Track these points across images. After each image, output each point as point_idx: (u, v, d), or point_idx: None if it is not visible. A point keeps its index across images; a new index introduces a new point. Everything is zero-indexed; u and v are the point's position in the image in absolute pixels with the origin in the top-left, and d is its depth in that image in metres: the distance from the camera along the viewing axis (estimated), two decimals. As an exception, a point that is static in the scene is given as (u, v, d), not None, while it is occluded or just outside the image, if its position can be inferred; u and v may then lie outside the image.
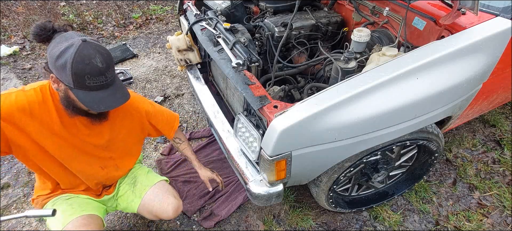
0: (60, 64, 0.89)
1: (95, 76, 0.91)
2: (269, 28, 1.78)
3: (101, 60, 0.92)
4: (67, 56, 0.88)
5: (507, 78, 1.47)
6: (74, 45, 0.89)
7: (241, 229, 1.72)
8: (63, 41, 0.91)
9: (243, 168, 1.35)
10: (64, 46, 0.89)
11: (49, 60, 0.92)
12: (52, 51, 0.90)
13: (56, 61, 0.89)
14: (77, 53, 0.88)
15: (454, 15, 1.26)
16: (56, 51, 0.89)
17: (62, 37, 0.92)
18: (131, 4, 4.52)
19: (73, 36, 0.92)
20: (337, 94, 1.09)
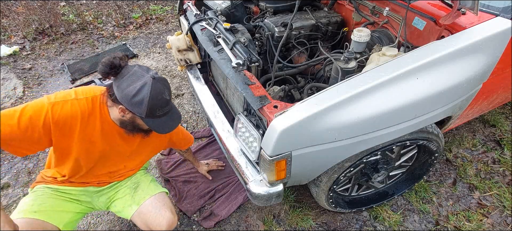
0: (136, 101, 1.02)
1: (163, 106, 1.07)
2: (269, 28, 1.78)
3: (168, 93, 1.09)
4: (144, 95, 1.01)
5: (507, 78, 1.47)
6: (147, 84, 1.01)
7: (241, 229, 1.72)
8: (136, 80, 1.02)
9: (243, 168, 1.35)
10: (139, 85, 1.01)
11: (122, 96, 1.03)
12: (127, 90, 1.02)
13: (132, 99, 1.02)
14: (152, 91, 1.02)
15: (454, 15, 1.26)
16: (131, 90, 1.01)
17: (132, 75, 1.03)
18: (131, 4, 4.52)
19: (143, 74, 1.04)
20: (337, 94, 1.09)
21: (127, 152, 1.29)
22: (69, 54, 3.50)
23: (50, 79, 3.10)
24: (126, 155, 1.30)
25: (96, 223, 1.77)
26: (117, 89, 1.04)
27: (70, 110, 1.07)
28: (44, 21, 3.84)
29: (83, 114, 1.10)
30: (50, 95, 1.08)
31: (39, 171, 2.12)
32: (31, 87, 2.97)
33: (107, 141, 1.19)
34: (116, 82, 1.05)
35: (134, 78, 1.02)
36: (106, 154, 1.23)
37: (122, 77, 1.04)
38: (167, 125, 1.13)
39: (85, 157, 1.18)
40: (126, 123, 1.13)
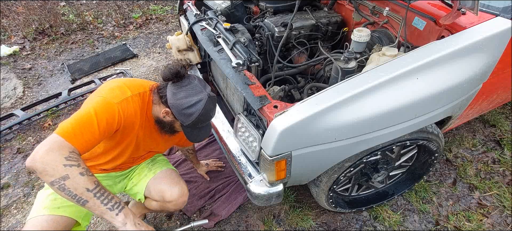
0: (187, 113, 1.07)
1: (206, 121, 1.14)
2: (269, 28, 1.78)
3: (214, 112, 1.15)
4: (196, 110, 1.07)
5: (507, 78, 1.47)
6: (203, 101, 1.07)
7: (241, 229, 1.72)
8: (193, 94, 1.07)
9: (243, 168, 1.35)
10: (195, 100, 1.06)
11: (174, 104, 1.08)
12: (182, 101, 1.06)
13: (185, 110, 1.07)
14: (204, 109, 1.07)
15: (454, 15, 1.26)
16: (187, 102, 1.06)
17: (192, 88, 1.08)
18: (131, 4, 4.52)
19: (202, 90, 1.08)
20: (337, 94, 1.09)
21: (155, 143, 1.35)
22: (69, 54, 3.50)
23: (50, 79, 3.10)
24: (154, 145, 1.35)
25: (96, 223, 1.77)
26: (171, 95, 1.08)
27: (133, 108, 1.11)
28: (44, 21, 3.84)
29: (141, 111, 1.16)
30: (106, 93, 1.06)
31: (39, 171, 2.12)
32: (31, 87, 2.97)
33: (146, 133, 1.26)
34: (172, 88, 1.09)
35: (193, 92, 1.07)
36: (140, 144, 1.27)
37: (180, 86, 1.08)
38: (200, 136, 1.20)
39: (130, 148, 1.24)
40: (164, 123, 1.18)
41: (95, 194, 0.88)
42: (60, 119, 2.55)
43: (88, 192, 0.87)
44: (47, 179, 0.84)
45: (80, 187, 0.86)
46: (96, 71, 3.14)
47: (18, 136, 2.39)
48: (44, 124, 2.48)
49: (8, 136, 2.39)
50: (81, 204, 0.87)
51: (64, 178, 0.84)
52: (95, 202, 0.87)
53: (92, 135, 0.95)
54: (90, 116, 0.95)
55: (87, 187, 0.87)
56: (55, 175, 0.84)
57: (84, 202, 0.87)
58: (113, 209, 0.90)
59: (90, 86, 2.84)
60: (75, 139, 0.91)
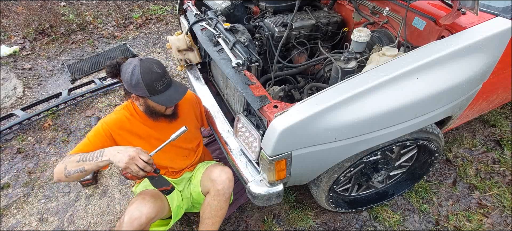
0: (134, 83, 1.16)
1: (159, 80, 1.18)
2: (269, 28, 1.78)
3: (157, 66, 1.20)
4: (136, 74, 1.15)
5: (507, 78, 1.47)
6: (136, 65, 1.16)
7: (241, 229, 1.72)
8: (127, 66, 1.18)
9: (243, 168, 1.35)
10: (130, 69, 1.16)
11: (126, 85, 1.20)
12: (124, 77, 1.18)
13: (131, 81, 1.16)
14: (141, 69, 1.15)
15: (454, 15, 1.26)
16: (127, 75, 1.17)
17: (125, 65, 1.20)
18: (131, 4, 4.52)
19: (132, 61, 1.19)
20: (337, 94, 1.09)
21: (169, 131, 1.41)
22: (69, 54, 3.50)
23: (50, 79, 3.10)
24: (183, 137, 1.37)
25: (96, 223, 1.77)
26: (123, 82, 1.21)
27: (116, 116, 1.31)
28: (44, 21, 3.84)
29: (126, 116, 1.32)
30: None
31: (39, 171, 2.12)
32: (31, 87, 2.97)
33: (159, 131, 1.37)
34: (122, 78, 1.21)
35: (127, 66, 1.19)
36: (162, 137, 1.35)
37: (122, 71, 1.21)
38: (173, 97, 1.24)
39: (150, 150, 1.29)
40: (145, 109, 1.28)
41: (83, 159, 1.14)
42: (60, 119, 2.55)
43: (78, 162, 1.14)
44: (63, 178, 1.17)
45: (74, 163, 1.15)
46: (96, 71, 3.14)
47: (18, 136, 2.39)
48: (44, 124, 2.48)
49: (8, 136, 2.39)
50: (84, 171, 1.14)
51: (65, 168, 1.16)
52: (87, 163, 1.13)
53: (84, 144, 1.25)
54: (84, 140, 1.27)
55: (76, 160, 1.15)
56: (62, 172, 1.16)
57: (83, 168, 1.14)
58: (98, 157, 1.13)
59: (90, 86, 2.84)
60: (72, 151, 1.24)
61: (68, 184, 2.01)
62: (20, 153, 2.26)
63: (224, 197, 1.38)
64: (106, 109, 2.63)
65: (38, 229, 1.77)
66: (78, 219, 1.79)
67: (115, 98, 2.76)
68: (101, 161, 1.12)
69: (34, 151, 2.27)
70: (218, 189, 1.37)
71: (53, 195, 1.95)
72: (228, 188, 1.38)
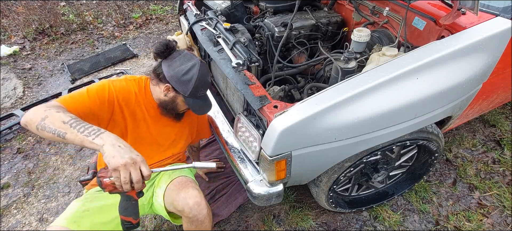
0: (185, 79, 1.14)
1: (204, 89, 1.20)
2: (269, 28, 1.78)
3: (210, 78, 1.21)
4: (193, 73, 1.14)
5: (507, 78, 1.47)
6: (197, 65, 1.15)
7: (241, 229, 1.72)
8: (187, 61, 1.15)
9: (243, 168, 1.35)
10: (190, 65, 1.14)
11: (173, 75, 1.14)
12: (178, 69, 1.14)
13: (182, 76, 1.13)
14: (200, 72, 1.15)
15: (454, 15, 1.26)
16: (183, 69, 1.14)
17: (184, 57, 1.17)
18: (131, 4, 4.52)
19: (192, 57, 1.17)
20: (337, 94, 1.09)
21: (172, 136, 1.36)
22: (69, 54, 3.50)
23: (50, 79, 3.10)
24: (171, 139, 1.36)
25: (96, 223, 1.77)
26: (167, 68, 1.15)
27: (126, 85, 1.21)
28: (44, 21, 3.84)
29: (135, 91, 1.23)
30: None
31: (39, 171, 2.12)
32: (31, 87, 2.97)
33: (155, 121, 1.29)
34: (167, 62, 1.16)
35: (185, 59, 1.16)
36: (156, 137, 1.31)
37: (173, 58, 1.16)
38: (203, 108, 1.25)
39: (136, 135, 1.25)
40: (166, 102, 1.22)
41: (71, 125, 0.87)
42: (60, 119, 2.54)
43: (64, 124, 0.87)
44: (33, 127, 0.90)
45: (57, 121, 0.87)
46: (96, 71, 3.14)
47: (18, 136, 2.39)
48: (44, 124, 2.48)
49: (8, 136, 2.39)
50: (62, 138, 0.86)
51: (43, 118, 0.88)
52: (72, 132, 0.86)
53: (80, 97, 1.05)
54: (81, 90, 1.10)
55: (63, 120, 0.87)
56: (37, 120, 0.88)
57: (63, 135, 0.86)
58: (90, 135, 0.85)
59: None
60: (63, 99, 1.01)
61: (68, 184, 2.01)
62: (20, 153, 2.26)
63: (198, 220, 1.22)
64: (106, 109, 2.62)
65: (38, 229, 1.77)
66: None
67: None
68: (91, 142, 0.84)
69: (34, 151, 2.27)
70: (190, 217, 1.21)
71: (53, 195, 1.95)
72: (200, 211, 1.20)
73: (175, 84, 1.15)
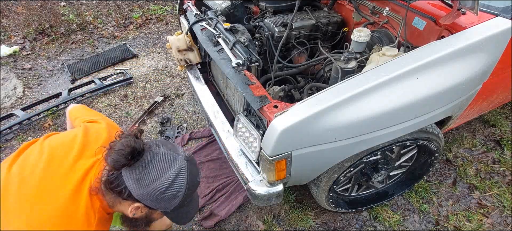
0: (169, 196, 0.78)
1: (194, 193, 0.87)
2: (269, 28, 1.78)
3: (200, 175, 0.88)
4: (180, 186, 0.79)
5: (507, 78, 1.47)
6: (183, 171, 0.80)
7: (241, 229, 1.72)
8: (167, 168, 0.78)
9: (243, 168, 1.35)
10: (173, 175, 0.78)
11: (147, 194, 0.77)
12: (155, 185, 0.76)
13: (164, 194, 0.78)
14: (189, 180, 0.81)
15: (454, 15, 1.26)
16: (163, 183, 0.77)
17: (161, 161, 0.78)
18: (131, 4, 4.52)
19: (174, 156, 0.80)
20: (337, 94, 1.09)
21: None
22: (69, 54, 3.50)
23: (50, 79, 3.10)
24: None
25: (96, 223, 1.77)
26: (136, 184, 0.76)
27: None
28: (44, 21, 3.84)
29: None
30: None
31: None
32: (31, 87, 2.97)
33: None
34: (133, 174, 0.77)
35: (165, 166, 0.79)
36: None
37: (144, 167, 0.77)
38: (190, 213, 0.92)
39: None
40: (136, 221, 0.88)
41: None
42: (60, 119, 2.55)
43: None
44: None
45: None
46: (96, 71, 3.14)
47: (18, 136, 2.39)
48: (44, 124, 2.48)
49: (8, 136, 2.39)
50: None
51: None
52: None
53: None
54: None
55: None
56: None
57: None
58: None
59: (90, 86, 2.84)
60: None
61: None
62: (20, 153, 2.25)
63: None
64: (106, 109, 2.62)
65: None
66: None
67: (115, 98, 2.75)
68: None
69: (34, 151, 2.27)
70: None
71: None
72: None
73: (152, 204, 0.80)
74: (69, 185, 0.78)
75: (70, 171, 0.81)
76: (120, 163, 0.75)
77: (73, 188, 0.78)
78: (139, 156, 0.77)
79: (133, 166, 0.77)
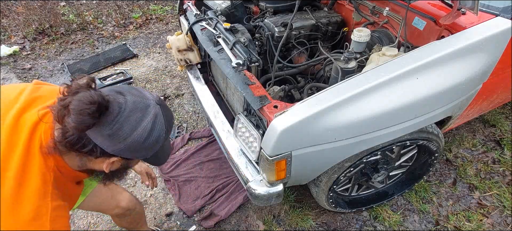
0: (150, 143, 0.73)
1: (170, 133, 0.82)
2: (269, 28, 1.78)
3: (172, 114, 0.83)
4: (159, 131, 0.74)
5: (507, 78, 1.47)
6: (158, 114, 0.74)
7: (241, 229, 1.73)
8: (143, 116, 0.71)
9: (243, 168, 1.35)
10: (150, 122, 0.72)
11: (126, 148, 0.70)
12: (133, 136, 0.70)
13: (144, 143, 0.72)
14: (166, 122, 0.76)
15: (454, 15, 1.26)
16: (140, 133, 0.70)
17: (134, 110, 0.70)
18: (131, 4, 4.51)
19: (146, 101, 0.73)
20: (337, 94, 1.09)
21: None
22: (69, 54, 3.50)
23: (50, 79, 3.10)
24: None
25: (96, 223, 1.77)
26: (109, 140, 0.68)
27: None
28: (44, 21, 3.84)
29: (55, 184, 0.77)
30: None
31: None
32: (31, 87, 2.97)
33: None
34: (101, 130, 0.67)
35: (139, 115, 0.71)
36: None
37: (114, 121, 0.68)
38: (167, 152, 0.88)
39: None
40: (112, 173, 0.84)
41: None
42: (60, 119, 2.54)
43: None
44: None
45: None
46: (96, 71, 3.14)
47: (18, 136, 2.39)
48: (44, 124, 2.47)
49: (8, 136, 2.38)
50: None
51: None
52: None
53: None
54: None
55: None
56: None
57: None
58: None
59: (90, 86, 2.84)
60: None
61: (68, 184, 2.01)
62: (20, 153, 2.25)
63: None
64: (106, 109, 2.62)
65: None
66: (78, 219, 1.79)
67: (115, 98, 2.75)
68: None
69: (34, 151, 2.27)
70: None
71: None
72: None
73: (131, 155, 0.74)
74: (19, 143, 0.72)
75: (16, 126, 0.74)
76: (86, 123, 0.64)
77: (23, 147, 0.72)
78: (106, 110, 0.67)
79: (98, 122, 0.67)
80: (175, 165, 2.04)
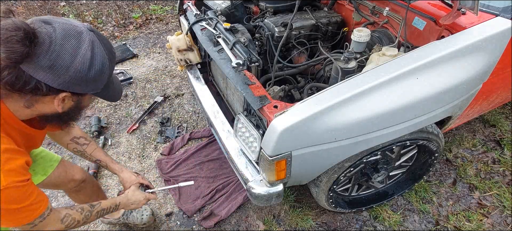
0: (96, 72, 0.70)
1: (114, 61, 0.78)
2: (269, 28, 1.78)
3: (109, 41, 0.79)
4: (101, 58, 0.70)
5: (507, 78, 1.47)
6: (95, 41, 0.70)
7: (241, 229, 1.73)
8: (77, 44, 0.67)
9: (243, 168, 1.35)
10: (88, 49, 0.68)
11: (66, 79, 0.67)
12: (75, 65, 0.66)
13: (90, 72, 0.69)
14: (106, 49, 0.73)
15: (454, 15, 1.26)
16: (81, 61, 0.67)
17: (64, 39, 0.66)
18: (131, 4, 4.51)
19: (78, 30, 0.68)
20: (337, 94, 1.09)
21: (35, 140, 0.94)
22: (69, 54, 3.49)
23: (50, 79, 3.10)
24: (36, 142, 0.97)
25: (96, 223, 1.77)
26: (51, 73, 0.65)
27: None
28: (44, 21, 3.84)
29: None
30: None
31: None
32: (31, 87, 2.97)
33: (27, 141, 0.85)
34: (39, 63, 0.63)
35: (73, 42, 0.66)
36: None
37: (48, 51, 0.64)
38: (118, 87, 0.86)
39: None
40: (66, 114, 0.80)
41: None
42: (60, 119, 2.54)
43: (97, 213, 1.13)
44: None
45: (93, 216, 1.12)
46: (96, 71, 3.14)
47: (18, 136, 2.39)
48: (44, 124, 2.47)
49: (8, 136, 2.38)
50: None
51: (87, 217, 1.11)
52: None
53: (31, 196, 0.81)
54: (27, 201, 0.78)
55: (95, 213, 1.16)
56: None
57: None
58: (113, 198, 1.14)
59: None
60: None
61: (68, 184, 2.01)
62: (20, 153, 2.25)
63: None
64: (106, 109, 2.62)
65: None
66: (78, 219, 1.79)
67: (115, 98, 2.75)
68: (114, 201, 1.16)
69: (34, 151, 2.27)
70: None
71: (53, 195, 1.95)
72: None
73: (80, 88, 0.71)
74: None
75: None
76: (19, 52, 0.59)
77: None
78: (36, 40, 0.63)
79: (32, 54, 0.62)
80: (175, 165, 2.04)
